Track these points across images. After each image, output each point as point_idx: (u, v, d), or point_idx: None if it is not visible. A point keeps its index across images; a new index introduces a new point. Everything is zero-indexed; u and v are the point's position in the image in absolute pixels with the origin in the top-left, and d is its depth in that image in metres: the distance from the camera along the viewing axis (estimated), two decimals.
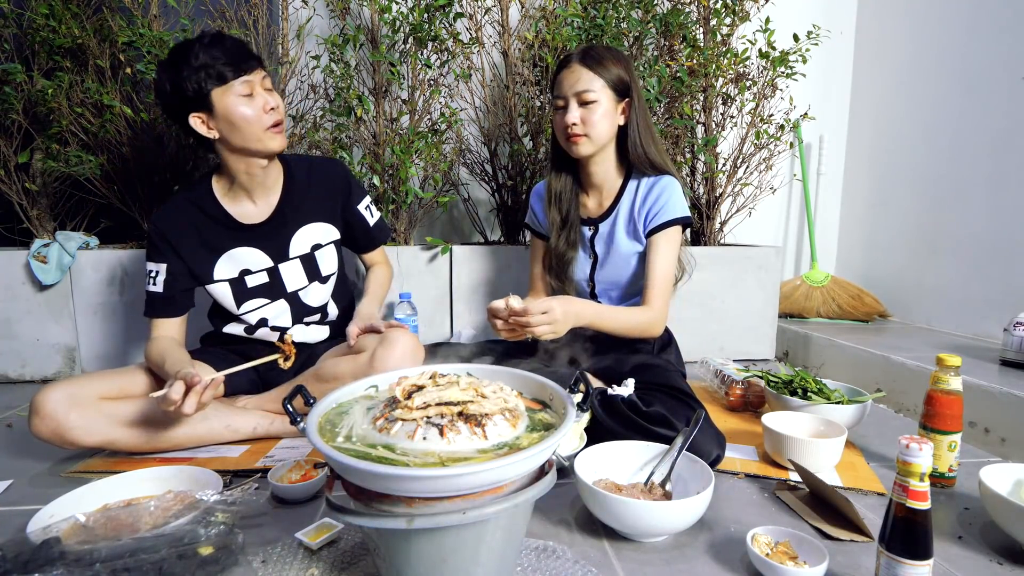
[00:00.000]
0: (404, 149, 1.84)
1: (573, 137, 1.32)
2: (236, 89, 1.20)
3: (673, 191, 1.35)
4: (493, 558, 0.69)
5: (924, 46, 2.19)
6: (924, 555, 0.68)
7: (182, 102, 1.20)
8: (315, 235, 1.41)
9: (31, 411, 1.11)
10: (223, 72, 1.18)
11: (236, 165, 1.29)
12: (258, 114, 1.21)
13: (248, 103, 1.21)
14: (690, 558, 0.85)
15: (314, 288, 1.42)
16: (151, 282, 1.31)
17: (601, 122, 1.30)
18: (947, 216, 2.08)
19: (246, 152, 1.26)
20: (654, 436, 1.07)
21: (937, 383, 1.04)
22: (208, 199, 1.33)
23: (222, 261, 1.33)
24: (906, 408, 1.59)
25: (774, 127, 2.14)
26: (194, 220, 1.32)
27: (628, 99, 1.33)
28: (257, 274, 1.36)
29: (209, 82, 1.18)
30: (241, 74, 1.20)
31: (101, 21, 1.78)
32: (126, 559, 0.72)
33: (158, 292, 1.31)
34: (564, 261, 1.45)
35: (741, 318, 2.07)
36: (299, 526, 0.89)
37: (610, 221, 1.41)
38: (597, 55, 1.31)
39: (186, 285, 1.33)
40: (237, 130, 1.21)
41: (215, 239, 1.33)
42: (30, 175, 1.85)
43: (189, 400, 1.05)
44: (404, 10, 1.87)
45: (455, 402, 0.69)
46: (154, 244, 1.31)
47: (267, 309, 1.38)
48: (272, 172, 1.34)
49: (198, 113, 1.21)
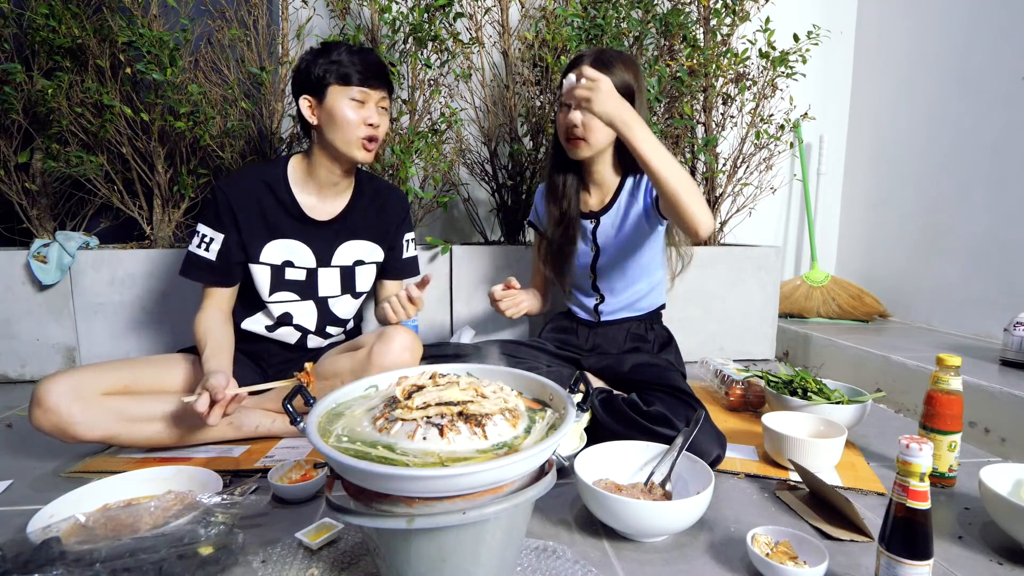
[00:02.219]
0: (404, 149, 1.84)
1: (573, 140, 1.34)
2: (352, 93, 1.27)
3: None
4: (493, 558, 0.69)
5: (924, 46, 2.19)
6: (924, 555, 0.68)
7: (303, 82, 1.29)
8: (361, 251, 1.44)
9: (33, 402, 1.10)
10: (350, 74, 1.26)
11: (320, 158, 1.34)
12: (358, 121, 1.28)
13: (355, 109, 1.28)
14: (690, 558, 0.85)
15: (345, 300, 1.44)
16: (202, 246, 1.31)
17: (601, 129, 1.31)
18: (947, 216, 2.08)
19: (334, 151, 1.31)
20: (654, 436, 1.07)
21: (937, 383, 1.04)
22: (280, 182, 1.35)
23: (273, 244, 1.35)
24: (906, 408, 1.59)
25: (774, 127, 2.14)
26: (260, 197, 1.34)
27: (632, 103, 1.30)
28: (298, 270, 1.37)
29: (332, 76, 1.26)
30: (364, 85, 1.27)
31: (101, 21, 1.78)
32: (126, 559, 0.72)
33: (209, 259, 1.31)
34: (562, 255, 1.46)
35: (741, 318, 2.07)
36: (299, 526, 0.89)
37: (612, 213, 1.43)
38: (608, 60, 1.30)
39: (239, 258, 1.34)
40: (335, 127, 1.28)
41: (274, 221, 1.35)
42: (30, 175, 1.85)
43: (214, 413, 1.08)
44: (404, 10, 1.87)
45: (455, 402, 0.69)
46: (216, 210, 1.31)
47: (295, 306, 1.39)
48: (346, 181, 1.40)
49: (309, 97, 1.30)
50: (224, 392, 1.09)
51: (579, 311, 1.54)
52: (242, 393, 1.13)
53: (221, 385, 1.09)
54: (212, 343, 1.23)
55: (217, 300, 1.34)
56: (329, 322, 1.44)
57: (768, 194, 2.26)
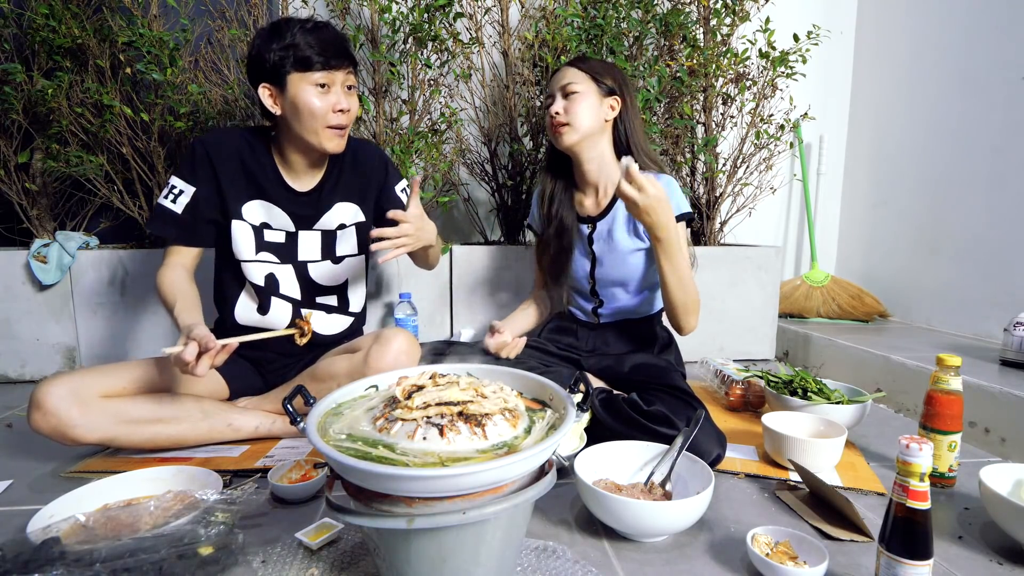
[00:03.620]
0: (404, 149, 1.84)
1: (556, 127, 1.34)
2: (314, 79, 1.18)
3: (673, 189, 1.35)
4: (493, 558, 0.69)
5: (924, 46, 2.19)
6: (924, 555, 0.68)
7: (259, 70, 1.20)
8: (344, 215, 1.38)
9: (32, 405, 1.09)
10: (309, 58, 1.17)
11: (289, 148, 1.29)
12: (325, 110, 1.20)
13: (320, 96, 1.20)
14: (690, 558, 0.85)
15: (325, 266, 1.38)
16: (170, 198, 1.25)
17: (583, 111, 1.32)
18: (947, 216, 2.08)
19: (303, 143, 1.26)
20: (655, 435, 1.07)
21: (937, 383, 1.04)
22: (263, 147, 1.31)
23: (254, 204, 1.30)
24: (906, 408, 1.59)
25: (774, 127, 2.14)
26: (244, 156, 1.29)
27: (618, 97, 1.36)
28: (276, 231, 1.33)
29: (290, 63, 1.17)
30: (326, 68, 1.18)
31: (101, 21, 1.78)
32: (126, 559, 0.72)
33: (175, 212, 1.25)
34: (559, 264, 1.45)
35: (741, 318, 2.07)
36: (299, 526, 0.89)
37: (608, 219, 1.41)
38: (585, 58, 1.39)
39: (210, 215, 1.28)
40: (299, 117, 1.21)
41: (257, 182, 1.30)
42: (30, 175, 1.86)
43: (202, 363, 1.03)
44: (404, 10, 1.87)
45: (455, 402, 0.69)
46: (192, 163, 1.26)
47: (276, 268, 1.34)
48: (321, 160, 1.34)
49: (269, 86, 1.21)
50: (215, 341, 1.03)
51: (579, 313, 1.53)
52: (232, 344, 1.06)
53: (207, 335, 1.04)
54: (182, 299, 1.17)
55: (181, 259, 1.27)
56: (314, 290, 1.38)
57: (768, 194, 2.26)
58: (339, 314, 1.43)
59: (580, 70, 1.34)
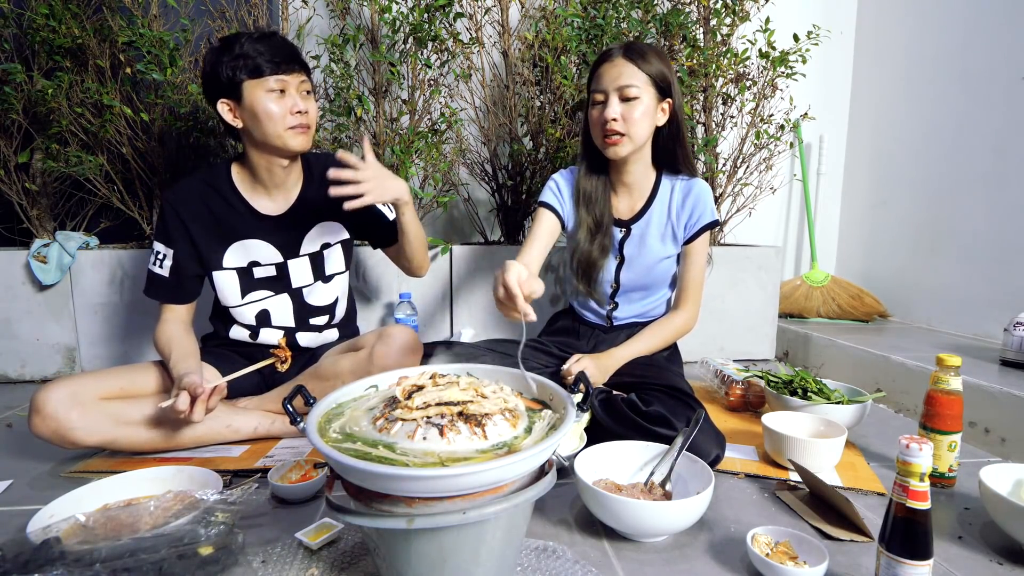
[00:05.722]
0: (404, 149, 1.84)
1: (612, 136, 1.24)
2: (268, 85, 1.20)
3: (708, 196, 1.34)
4: (493, 558, 0.69)
5: (924, 46, 2.19)
6: (924, 555, 0.68)
7: (215, 86, 1.22)
8: (327, 234, 1.40)
9: (31, 410, 1.11)
10: (260, 66, 1.19)
11: (258, 159, 1.29)
12: (283, 112, 1.22)
13: (276, 100, 1.21)
14: (690, 558, 0.85)
15: (318, 288, 1.41)
16: (157, 263, 1.31)
17: (642, 121, 1.24)
18: (947, 216, 2.08)
19: (267, 147, 1.26)
20: (654, 436, 1.07)
21: (937, 383, 1.04)
22: (226, 185, 1.32)
23: (233, 249, 1.33)
24: (906, 408, 1.59)
25: (774, 127, 2.14)
26: (210, 203, 1.31)
27: (669, 99, 1.28)
28: (266, 267, 1.35)
29: (243, 72, 1.19)
30: (278, 72, 1.20)
31: (101, 21, 1.78)
32: (126, 559, 0.72)
33: (163, 276, 1.31)
34: (594, 266, 1.39)
35: (741, 318, 2.07)
36: (299, 526, 0.89)
37: (643, 223, 1.37)
38: (641, 49, 1.25)
39: (194, 271, 1.32)
40: (259, 124, 1.22)
41: (229, 225, 1.32)
42: (30, 175, 1.85)
43: (197, 409, 1.08)
44: (404, 10, 1.87)
45: (455, 402, 0.69)
46: (164, 224, 1.30)
47: (270, 302, 1.37)
48: (293, 172, 1.34)
49: (227, 100, 1.23)
50: (203, 386, 1.09)
51: (587, 314, 1.50)
52: (221, 384, 1.12)
53: (197, 382, 1.09)
54: (177, 350, 1.23)
55: (176, 315, 1.33)
56: (309, 314, 1.41)
57: (768, 194, 2.26)
58: (328, 329, 1.46)
59: (637, 67, 1.22)
